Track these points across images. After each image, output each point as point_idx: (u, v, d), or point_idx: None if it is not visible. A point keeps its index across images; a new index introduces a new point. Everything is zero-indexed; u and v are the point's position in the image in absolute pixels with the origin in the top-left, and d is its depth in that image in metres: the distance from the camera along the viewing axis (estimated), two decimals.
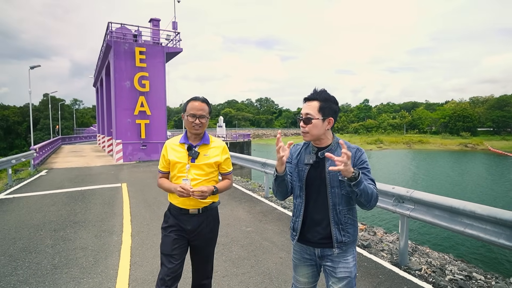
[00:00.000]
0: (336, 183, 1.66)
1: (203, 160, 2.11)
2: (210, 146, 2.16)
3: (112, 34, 16.14)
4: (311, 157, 1.74)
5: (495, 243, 2.72)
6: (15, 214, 5.78)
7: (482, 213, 2.78)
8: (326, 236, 1.69)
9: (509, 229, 2.64)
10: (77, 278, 3.22)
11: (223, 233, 4.60)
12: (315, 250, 1.73)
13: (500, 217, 2.65)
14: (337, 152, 1.68)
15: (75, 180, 9.76)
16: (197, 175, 2.09)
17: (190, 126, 2.06)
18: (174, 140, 2.17)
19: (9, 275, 3.31)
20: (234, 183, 8.73)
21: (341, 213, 1.67)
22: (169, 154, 2.11)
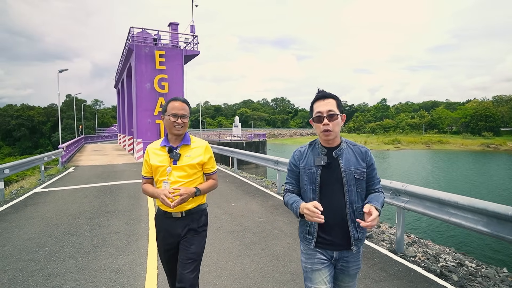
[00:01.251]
0: (352, 181, 1.68)
1: (186, 161, 2.07)
2: (192, 147, 2.12)
3: (134, 38, 16.96)
4: (322, 159, 1.71)
5: (474, 229, 3.10)
6: (53, 205, 6.49)
7: (464, 203, 3.16)
8: (344, 236, 1.68)
9: (486, 216, 3.02)
10: (114, 255, 3.80)
11: (238, 222, 5.11)
12: (334, 253, 1.71)
13: (478, 207, 3.03)
14: (346, 151, 1.73)
15: (102, 176, 10.53)
16: (180, 177, 2.04)
17: (172, 126, 2.03)
18: (155, 144, 2.13)
19: (57, 252, 3.94)
20: (250, 181, 9.23)
21: (357, 210, 1.69)
22: (151, 159, 2.07)
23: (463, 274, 3.65)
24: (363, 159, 1.72)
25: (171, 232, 2.07)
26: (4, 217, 5.66)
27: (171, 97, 8.23)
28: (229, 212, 5.78)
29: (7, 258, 3.76)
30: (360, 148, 1.76)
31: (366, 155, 1.74)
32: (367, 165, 1.72)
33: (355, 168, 1.69)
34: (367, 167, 1.72)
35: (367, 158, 1.73)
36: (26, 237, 4.53)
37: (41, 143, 66.89)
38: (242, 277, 3.25)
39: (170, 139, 2.10)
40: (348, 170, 1.68)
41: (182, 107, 2.04)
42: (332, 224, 1.67)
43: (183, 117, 2.02)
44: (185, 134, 2.13)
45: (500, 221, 2.90)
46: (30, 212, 5.93)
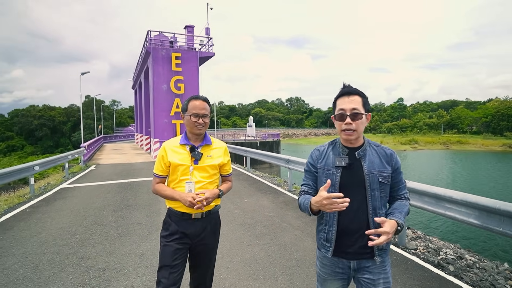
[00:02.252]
0: (376, 185, 1.56)
1: (207, 161, 2.03)
2: (213, 147, 2.09)
3: (151, 41, 17.59)
4: (343, 159, 1.59)
5: (466, 222, 3.34)
6: (80, 199, 7.02)
7: (457, 198, 3.40)
8: (365, 245, 1.53)
9: (477, 210, 3.25)
10: (138, 242, 4.23)
11: (249, 216, 5.46)
12: (350, 263, 1.59)
13: (470, 201, 3.26)
14: (370, 152, 1.61)
15: (122, 174, 11.10)
16: (202, 177, 2.00)
17: (193, 126, 1.98)
18: (173, 141, 2.06)
19: (87, 239, 4.40)
20: (262, 179, 9.57)
21: (380, 217, 1.53)
22: (169, 156, 1.99)
23: (461, 266, 3.87)
24: (388, 161, 1.60)
25: (189, 233, 1.99)
26: (37, 209, 6.21)
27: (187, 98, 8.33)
28: (242, 207, 6.13)
29: (44, 244, 4.24)
30: (385, 150, 1.63)
31: (392, 158, 1.61)
32: (393, 168, 1.60)
33: (380, 171, 1.57)
34: (392, 170, 1.60)
35: (392, 161, 1.61)
36: (58, 226, 5.02)
37: (62, 143, 69.22)
38: (252, 262, 3.60)
39: (190, 138, 2.04)
40: (371, 173, 1.55)
41: (203, 106, 1.99)
42: (353, 231, 1.56)
43: (204, 117, 1.98)
44: (205, 134, 2.09)
45: (489, 214, 3.13)
46: (60, 205, 6.46)
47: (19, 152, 64.42)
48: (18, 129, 70.18)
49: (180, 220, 2.00)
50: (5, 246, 4.19)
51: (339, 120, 1.57)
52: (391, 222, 1.45)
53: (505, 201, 3.06)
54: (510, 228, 2.95)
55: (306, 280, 3.19)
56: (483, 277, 3.61)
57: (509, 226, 2.96)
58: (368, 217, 1.55)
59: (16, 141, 68.27)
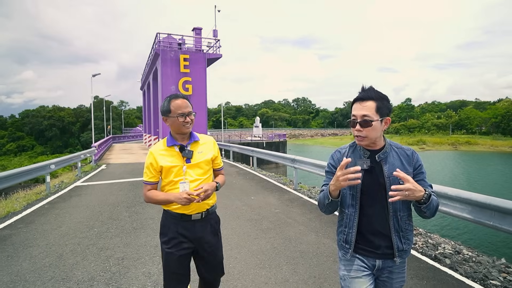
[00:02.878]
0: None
1: (199, 158, 2.01)
2: (201, 143, 2.06)
3: (160, 43, 17.98)
4: (365, 162, 1.56)
5: (460, 217, 3.55)
6: (94, 196, 7.36)
7: (452, 194, 3.61)
8: (387, 246, 1.57)
9: (470, 205, 3.46)
10: (151, 235, 4.52)
11: (256, 212, 5.71)
12: (376, 262, 1.59)
13: (464, 197, 3.47)
14: (391, 154, 1.60)
15: (132, 173, 11.45)
16: (197, 175, 1.98)
17: (181, 125, 1.94)
18: (159, 145, 2.01)
19: (105, 232, 4.70)
20: (269, 178, 9.82)
21: (401, 219, 1.56)
22: (160, 161, 1.94)
23: (457, 260, 4.07)
24: (409, 162, 1.59)
25: (189, 236, 1.96)
26: (54, 205, 6.56)
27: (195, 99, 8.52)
28: (249, 204, 6.39)
29: (65, 236, 4.56)
30: (405, 151, 1.62)
31: (413, 157, 1.60)
32: (414, 168, 1.58)
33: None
34: (414, 170, 1.58)
35: (413, 160, 1.59)
36: (76, 220, 5.34)
37: (71, 143, 70.31)
38: (258, 254, 3.86)
39: (177, 138, 2.00)
40: (392, 176, 1.53)
41: (187, 104, 1.95)
42: (373, 233, 1.58)
43: (189, 115, 1.94)
44: (191, 132, 2.05)
45: (481, 209, 3.34)
46: (76, 202, 6.80)
47: (29, 152, 65.64)
48: (29, 130, 71.50)
49: (179, 222, 1.95)
50: (29, 238, 4.52)
51: (351, 126, 1.58)
52: (417, 184, 1.42)
53: (497, 197, 3.27)
54: (500, 222, 3.15)
55: (309, 269, 3.43)
56: (477, 269, 3.80)
57: (498, 220, 3.17)
58: (389, 219, 1.55)
59: (27, 141, 69.56)
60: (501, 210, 3.13)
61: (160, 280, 3.15)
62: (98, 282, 3.14)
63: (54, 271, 3.40)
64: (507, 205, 3.06)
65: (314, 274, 3.31)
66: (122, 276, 3.28)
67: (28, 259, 3.73)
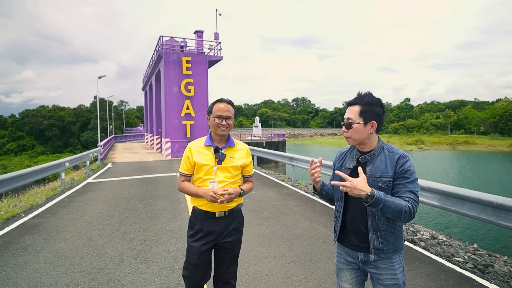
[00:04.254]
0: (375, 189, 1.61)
1: (230, 162, 2.12)
2: (236, 149, 2.19)
3: (163, 46, 18.59)
4: (352, 162, 1.73)
5: (430, 204, 4.20)
6: (108, 191, 7.99)
7: (424, 186, 4.25)
8: (366, 240, 1.66)
9: (438, 194, 4.11)
10: (166, 222, 5.17)
11: (257, 204, 6.35)
12: (358, 254, 1.70)
13: (433, 187, 4.12)
14: (379, 157, 1.66)
15: (139, 171, 12.09)
16: (225, 177, 2.10)
17: (217, 127, 2.08)
18: (198, 142, 2.16)
19: (124, 220, 5.35)
20: (268, 175, 10.46)
21: (379, 219, 1.62)
22: (195, 156, 2.09)
23: (431, 243, 4.71)
24: (392, 166, 1.62)
25: (212, 232, 2.10)
26: (73, 199, 7.20)
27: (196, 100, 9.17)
28: (250, 197, 7.03)
29: (90, 223, 5.20)
30: (394, 154, 1.65)
31: (397, 162, 1.61)
32: (396, 172, 1.60)
33: (381, 175, 1.62)
34: (394, 174, 1.61)
35: (397, 165, 1.61)
36: (97, 211, 5.98)
37: (71, 142, 70.68)
38: (259, 236, 4.50)
39: (214, 139, 2.14)
40: (372, 177, 1.62)
41: (227, 108, 2.08)
42: (354, 227, 1.70)
43: (227, 119, 2.07)
44: (229, 136, 2.18)
45: (446, 197, 3.99)
46: (92, 196, 7.44)
47: (29, 152, 66.04)
48: (29, 129, 71.94)
49: (205, 219, 2.10)
50: (58, 225, 5.15)
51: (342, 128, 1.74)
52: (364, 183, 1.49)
53: (460, 187, 3.91)
54: (460, 207, 3.80)
55: (302, 247, 4.08)
56: (447, 250, 4.44)
57: (459, 206, 3.82)
58: (367, 217, 1.64)
59: (27, 140, 69.98)
60: (460, 197, 3.78)
61: (179, 255, 3.80)
62: (127, 257, 3.79)
63: (88, 250, 4.04)
64: (464, 193, 3.71)
65: (306, 251, 3.95)
66: (146, 252, 3.93)
67: (63, 241, 4.38)
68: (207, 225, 2.09)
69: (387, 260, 1.65)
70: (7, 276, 3.34)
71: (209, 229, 2.08)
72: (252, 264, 3.62)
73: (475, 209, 3.62)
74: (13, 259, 3.77)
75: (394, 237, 1.64)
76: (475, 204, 3.62)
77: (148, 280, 3.22)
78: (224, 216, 2.11)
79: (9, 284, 3.16)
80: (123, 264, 3.61)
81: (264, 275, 3.34)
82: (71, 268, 3.50)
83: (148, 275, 3.33)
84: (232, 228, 2.15)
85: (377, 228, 1.62)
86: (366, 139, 1.67)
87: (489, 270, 3.78)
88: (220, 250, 2.16)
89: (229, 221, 2.14)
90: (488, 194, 3.50)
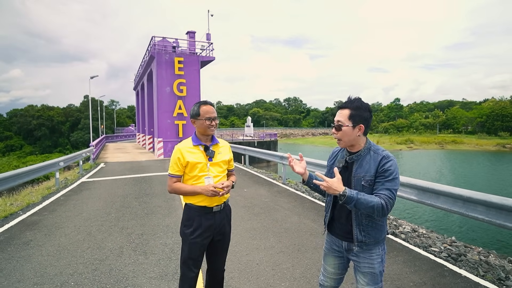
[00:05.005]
0: (359, 188, 1.76)
1: (219, 158, 2.31)
2: (220, 145, 2.37)
3: (155, 46, 18.70)
4: (341, 162, 1.89)
5: (409, 199, 4.54)
6: (103, 190, 8.17)
7: (404, 181, 4.59)
8: (350, 232, 1.84)
9: (416, 190, 4.45)
10: (162, 218, 5.42)
11: (249, 201, 6.63)
12: (343, 243, 1.89)
13: (412, 183, 4.47)
14: (365, 158, 1.80)
15: (132, 170, 12.24)
16: (217, 172, 2.28)
17: (206, 128, 2.23)
18: (186, 143, 2.28)
19: (121, 217, 5.56)
20: (260, 174, 10.74)
21: (361, 215, 1.78)
22: (187, 157, 2.20)
23: (411, 236, 5.04)
24: (376, 166, 1.75)
25: (211, 226, 2.24)
26: (69, 197, 7.36)
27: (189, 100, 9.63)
28: (242, 195, 7.30)
29: (88, 220, 5.40)
30: (379, 155, 1.78)
31: (380, 163, 1.75)
32: (377, 171, 1.73)
33: (365, 175, 1.76)
34: (376, 173, 1.74)
35: (379, 165, 1.74)
36: (94, 208, 6.18)
37: (60, 142, 69.66)
38: (251, 230, 4.79)
39: (201, 139, 2.28)
40: (356, 176, 1.79)
41: (213, 110, 2.26)
42: (340, 221, 1.89)
43: (215, 119, 2.26)
44: (212, 135, 2.35)
45: (424, 192, 4.34)
46: (88, 194, 7.61)
47: (17, 152, 64.95)
48: (17, 129, 70.74)
49: (202, 215, 2.21)
50: (57, 222, 5.35)
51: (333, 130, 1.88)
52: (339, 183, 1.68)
53: (436, 183, 4.25)
54: (435, 201, 4.14)
55: (291, 240, 4.37)
56: (425, 241, 4.78)
57: (434, 200, 4.16)
58: (352, 213, 1.81)
59: (15, 140, 68.79)
60: (435, 192, 4.12)
61: (175, 247, 4.05)
62: (126, 249, 4.03)
63: (88, 243, 4.26)
64: (438, 188, 4.05)
65: (294, 243, 4.25)
66: (144, 245, 4.17)
67: (63, 236, 4.59)
68: (205, 220, 2.21)
69: (367, 251, 1.81)
70: (13, 267, 3.55)
71: (208, 224, 2.21)
72: (244, 254, 3.90)
73: (448, 202, 3.97)
74: (16, 253, 3.98)
75: (375, 231, 1.79)
76: (448, 197, 3.97)
77: (148, 270, 3.46)
78: (220, 210, 2.27)
79: (16, 275, 3.38)
80: (123, 255, 3.84)
81: (255, 264, 3.62)
82: (74, 260, 3.72)
83: (147, 265, 3.58)
84: (226, 221, 2.33)
85: (360, 222, 1.78)
86: (354, 140, 1.81)
87: (462, 258, 4.13)
88: (216, 241, 2.30)
89: (224, 214, 2.31)
90: (459, 189, 3.84)
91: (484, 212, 3.53)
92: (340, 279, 2.01)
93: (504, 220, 3.31)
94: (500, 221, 3.34)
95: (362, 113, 1.78)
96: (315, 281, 3.21)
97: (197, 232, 2.19)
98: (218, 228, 2.28)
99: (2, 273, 3.42)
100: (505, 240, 10.97)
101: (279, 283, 3.20)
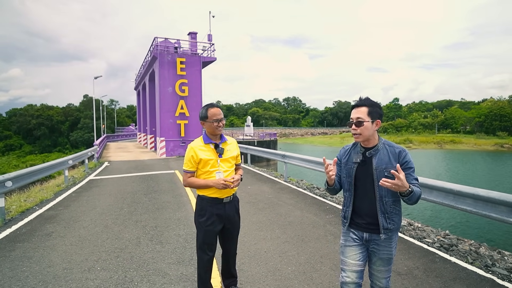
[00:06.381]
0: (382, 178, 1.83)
1: (228, 154, 2.56)
2: (228, 143, 2.62)
3: (158, 47, 19.01)
4: (358, 157, 1.99)
5: None
6: (112, 187, 8.49)
7: None
8: (373, 223, 1.94)
9: None
10: (172, 212, 5.74)
11: (253, 197, 6.95)
12: (364, 234, 1.99)
13: None
14: (382, 151, 1.94)
15: (137, 168, 12.56)
16: (227, 167, 2.53)
17: (215, 129, 2.47)
18: (198, 142, 2.53)
19: (134, 211, 5.89)
20: (262, 172, 11.07)
21: (387, 204, 1.91)
22: (199, 155, 2.45)
23: (407, 229, 5.38)
24: (395, 159, 1.90)
25: (222, 216, 2.53)
26: (80, 194, 7.68)
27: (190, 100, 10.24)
28: (246, 191, 7.63)
29: (102, 214, 5.73)
30: (395, 149, 1.95)
31: (400, 156, 1.91)
32: (400, 163, 1.87)
33: (386, 167, 1.89)
34: (401, 165, 1.85)
35: (400, 158, 1.91)
36: (106, 203, 6.50)
37: (60, 142, 69.73)
38: (257, 223, 5.12)
39: (211, 138, 2.54)
40: (379, 168, 1.91)
41: (220, 112, 2.49)
42: (364, 212, 1.98)
43: (222, 120, 2.49)
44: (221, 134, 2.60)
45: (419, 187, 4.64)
46: (98, 191, 7.93)
47: (17, 151, 65.06)
48: (16, 128, 70.84)
49: (214, 205, 2.49)
50: (74, 216, 5.66)
51: (349, 126, 1.99)
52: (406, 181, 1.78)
53: (429, 178, 4.57)
54: (429, 195, 4.49)
55: (295, 231, 4.70)
56: (419, 234, 5.11)
57: (427, 194, 4.50)
58: (376, 203, 1.93)
59: (14, 140, 68.90)
60: (429, 186, 4.45)
61: (189, 238, 4.37)
62: (143, 239, 4.36)
63: (107, 235, 4.59)
64: (432, 183, 4.39)
65: (298, 234, 4.58)
66: (159, 236, 4.50)
67: (82, 228, 4.91)
68: (216, 210, 2.50)
69: (388, 239, 1.96)
70: (41, 255, 3.87)
71: (219, 213, 2.51)
72: (252, 244, 4.23)
73: (440, 196, 4.30)
74: (41, 243, 4.30)
75: (398, 217, 1.96)
76: (440, 192, 4.30)
77: (165, 257, 3.80)
78: (230, 201, 2.57)
79: (45, 261, 3.70)
80: (141, 245, 4.17)
81: (263, 252, 3.95)
82: (96, 249, 4.05)
83: (164, 253, 3.91)
84: (235, 211, 2.65)
85: (385, 211, 1.92)
86: (372, 135, 1.96)
87: (453, 248, 4.46)
88: (227, 229, 2.62)
89: (233, 205, 2.62)
90: (449, 183, 4.18)
91: (472, 204, 3.87)
92: (361, 272, 2.04)
93: (490, 211, 3.65)
94: (485, 212, 3.68)
95: (377, 109, 1.96)
96: (318, 266, 3.55)
97: (211, 220, 2.48)
98: (228, 217, 2.57)
99: (32, 260, 3.75)
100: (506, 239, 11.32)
101: (286, 267, 3.53)
